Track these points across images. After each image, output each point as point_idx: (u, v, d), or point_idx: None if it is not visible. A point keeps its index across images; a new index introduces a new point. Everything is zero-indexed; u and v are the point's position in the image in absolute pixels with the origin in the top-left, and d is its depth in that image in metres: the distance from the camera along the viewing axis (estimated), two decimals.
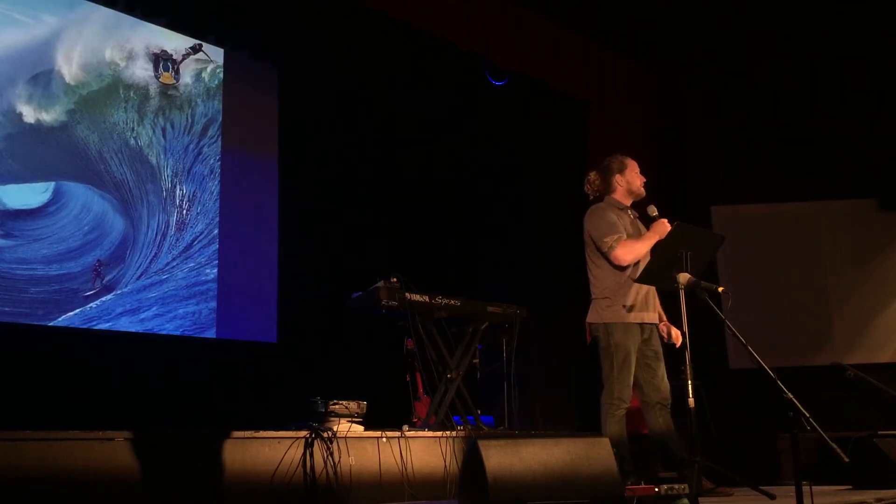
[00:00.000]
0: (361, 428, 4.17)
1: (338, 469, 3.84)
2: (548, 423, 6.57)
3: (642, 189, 4.43)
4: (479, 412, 5.41)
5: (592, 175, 4.51)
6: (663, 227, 4.19)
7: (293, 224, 6.55)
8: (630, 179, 4.40)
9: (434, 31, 5.82)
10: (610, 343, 4.17)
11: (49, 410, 4.71)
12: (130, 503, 3.28)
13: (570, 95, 6.84)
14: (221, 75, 6.47)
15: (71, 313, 5.40)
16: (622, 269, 4.21)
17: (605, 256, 4.21)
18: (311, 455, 3.78)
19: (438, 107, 7.24)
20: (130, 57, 5.96)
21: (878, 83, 6.88)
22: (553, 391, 6.95)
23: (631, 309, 4.19)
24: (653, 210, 4.29)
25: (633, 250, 4.19)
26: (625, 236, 4.22)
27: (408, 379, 5.35)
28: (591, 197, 4.52)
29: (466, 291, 5.43)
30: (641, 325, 4.24)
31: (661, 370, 4.27)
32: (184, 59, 6.26)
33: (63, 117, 5.60)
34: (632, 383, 4.20)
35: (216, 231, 6.24)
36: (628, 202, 4.43)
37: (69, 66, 5.65)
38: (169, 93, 6.16)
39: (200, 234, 6.17)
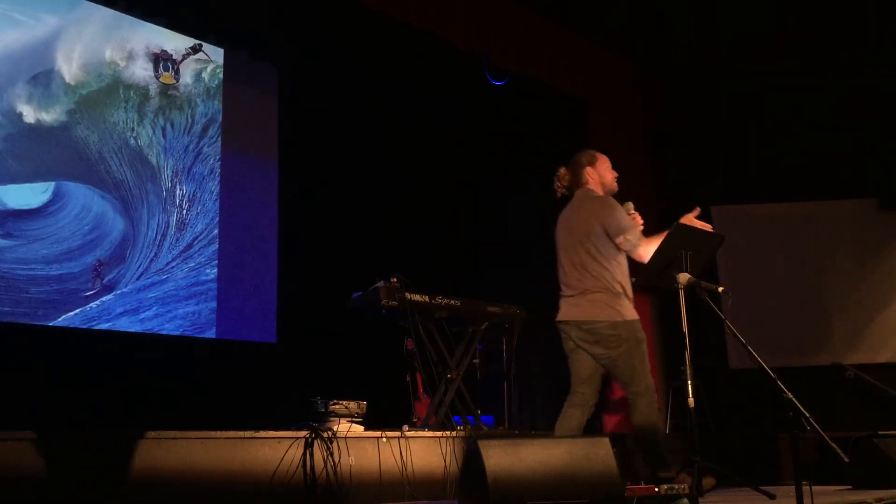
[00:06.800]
0: (361, 428, 4.17)
1: (338, 469, 3.84)
2: (548, 424, 6.57)
3: (615, 184, 4.29)
4: (479, 412, 5.41)
5: (562, 171, 4.36)
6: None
7: (293, 224, 6.55)
8: (602, 173, 4.28)
9: (434, 32, 5.82)
10: (640, 338, 3.99)
11: (49, 410, 4.71)
12: (130, 503, 3.28)
13: (570, 95, 6.84)
14: (221, 75, 6.47)
15: (71, 313, 5.40)
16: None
17: (627, 252, 4.06)
18: (311, 455, 3.78)
19: (438, 107, 7.24)
20: (130, 57, 5.96)
21: (878, 83, 6.88)
22: (553, 391, 6.93)
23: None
24: (630, 207, 4.19)
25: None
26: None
27: (408, 379, 5.35)
28: (559, 194, 4.36)
29: (466, 291, 5.43)
30: None
31: None
32: (184, 59, 6.26)
33: (63, 117, 5.60)
34: None
35: (216, 231, 6.24)
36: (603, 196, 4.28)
37: (69, 66, 5.66)
38: (169, 93, 6.16)
39: (200, 234, 6.17)
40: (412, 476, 4.17)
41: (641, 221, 4.19)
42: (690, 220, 4.16)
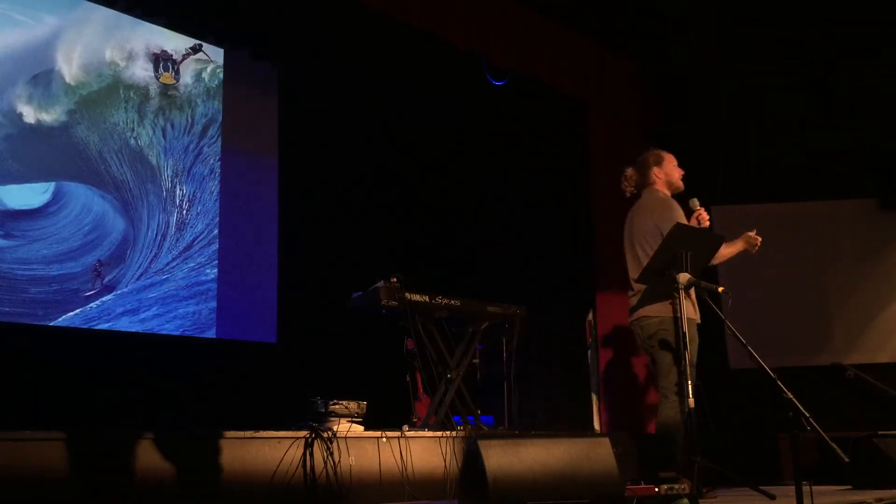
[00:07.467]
0: (361, 428, 4.17)
1: (338, 469, 3.84)
2: (548, 423, 6.57)
3: (681, 182, 4.42)
4: (479, 412, 5.41)
5: (629, 171, 4.49)
6: (752, 240, 4.22)
7: (293, 224, 6.55)
8: (668, 172, 4.40)
9: (434, 32, 5.82)
10: (683, 335, 4.00)
11: (50, 410, 4.71)
12: (129, 502, 3.28)
13: (570, 95, 6.83)
14: (221, 75, 6.47)
15: (71, 313, 5.40)
16: None
17: None
18: (311, 455, 3.78)
19: (438, 107, 7.24)
20: (130, 57, 5.96)
21: (877, 83, 6.87)
22: (553, 391, 6.94)
23: None
24: (695, 203, 4.27)
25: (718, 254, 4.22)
26: None
27: (408, 379, 5.35)
28: (629, 194, 4.48)
29: (466, 291, 5.43)
30: None
31: None
32: (184, 59, 6.26)
33: (63, 117, 5.60)
34: None
35: (216, 231, 6.24)
36: (669, 195, 4.41)
37: (69, 66, 5.66)
38: (169, 93, 6.16)
39: (200, 234, 6.17)
40: (412, 476, 4.17)
41: (707, 218, 4.26)
42: (749, 237, 4.27)
